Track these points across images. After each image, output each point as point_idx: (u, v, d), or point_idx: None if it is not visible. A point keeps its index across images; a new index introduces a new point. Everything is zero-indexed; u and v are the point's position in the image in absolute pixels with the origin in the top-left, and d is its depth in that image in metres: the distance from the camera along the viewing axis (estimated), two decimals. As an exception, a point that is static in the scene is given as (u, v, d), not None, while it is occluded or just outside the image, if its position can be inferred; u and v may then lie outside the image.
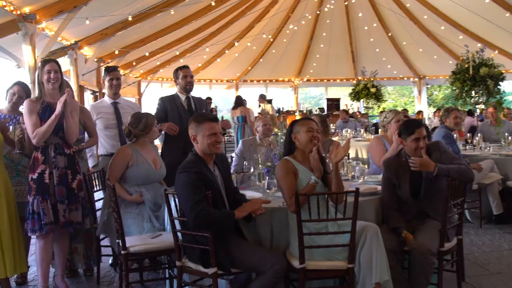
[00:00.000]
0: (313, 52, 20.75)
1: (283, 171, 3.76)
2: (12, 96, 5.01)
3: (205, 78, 21.56)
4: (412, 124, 4.16)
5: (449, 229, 3.97)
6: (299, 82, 22.44)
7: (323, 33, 19.29)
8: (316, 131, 3.87)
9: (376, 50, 19.05)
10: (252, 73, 21.82)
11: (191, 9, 13.25)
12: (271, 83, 22.73)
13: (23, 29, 7.98)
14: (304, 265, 3.48)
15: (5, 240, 4.43)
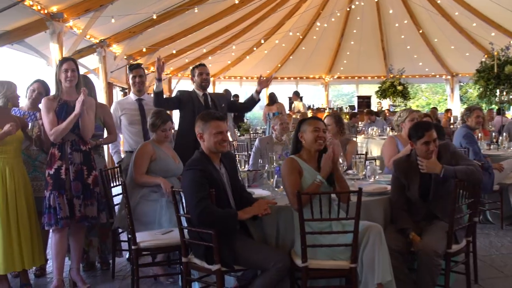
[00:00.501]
0: (344, 49, 20.61)
1: (288, 169, 3.78)
2: (32, 92, 5.16)
3: (235, 75, 21.69)
4: (421, 127, 4.07)
5: (458, 230, 3.92)
6: (329, 79, 22.33)
7: (353, 30, 19.11)
8: (323, 131, 3.86)
9: (407, 47, 18.77)
10: (282, 70, 21.79)
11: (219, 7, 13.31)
12: (301, 80, 22.67)
13: (51, 28, 8.18)
14: (307, 264, 3.50)
15: (23, 234, 4.59)
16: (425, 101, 33.90)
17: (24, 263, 4.61)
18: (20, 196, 4.60)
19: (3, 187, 4.52)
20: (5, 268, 4.53)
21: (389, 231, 3.98)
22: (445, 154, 4.07)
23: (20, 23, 8.21)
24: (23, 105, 5.20)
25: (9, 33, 8.31)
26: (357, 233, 3.45)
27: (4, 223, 4.51)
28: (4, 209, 4.52)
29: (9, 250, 4.51)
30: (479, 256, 5.29)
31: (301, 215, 3.43)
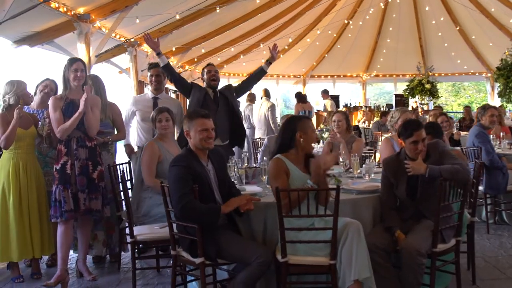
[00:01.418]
0: (381, 47, 20.39)
1: (275, 171, 3.81)
2: (45, 87, 5.40)
3: (272, 73, 21.76)
4: (411, 126, 4.05)
5: (445, 229, 3.91)
6: (367, 77, 22.14)
7: (389, 27, 18.91)
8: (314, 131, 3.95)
9: (445, 44, 18.43)
10: (318, 68, 21.76)
11: (252, 5, 13.43)
12: (338, 78, 22.56)
13: (78, 29, 8.46)
14: (286, 259, 3.57)
15: (34, 225, 4.91)
16: (468, 99, 33.17)
17: (34, 252, 4.92)
18: (32, 189, 4.91)
19: (16, 181, 4.85)
20: (19, 256, 4.87)
21: (377, 229, 4.02)
22: (434, 153, 4.06)
23: (50, 24, 8.53)
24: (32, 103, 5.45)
25: (40, 34, 8.66)
26: (335, 230, 3.49)
27: (17, 215, 4.83)
28: (18, 201, 4.85)
29: (22, 239, 4.84)
30: (485, 257, 5.31)
31: (280, 211, 3.51)
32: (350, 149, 5.77)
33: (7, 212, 4.85)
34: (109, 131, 5.47)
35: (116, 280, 5.00)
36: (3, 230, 4.84)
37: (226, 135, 5.97)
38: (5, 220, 4.85)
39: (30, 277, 5.05)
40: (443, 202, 3.79)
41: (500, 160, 6.30)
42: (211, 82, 5.99)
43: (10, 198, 4.84)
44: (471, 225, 4.66)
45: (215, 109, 5.90)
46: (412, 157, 4.05)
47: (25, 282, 4.94)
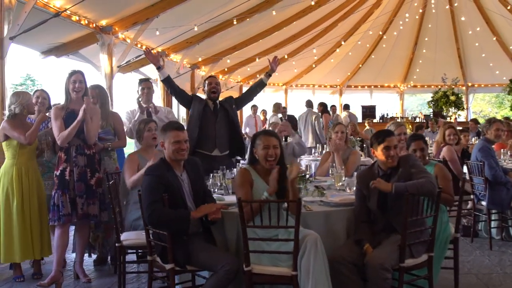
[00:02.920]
0: (418, 57, 20.22)
1: (240, 181, 4.01)
2: (37, 99, 5.69)
3: (308, 83, 21.88)
4: (383, 133, 4.15)
5: (416, 244, 3.92)
6: (404, 88, 21.93)
7: (425, 38, 18.72)
8: (274, 147, 4.00)
9: (482, 55, 18.08)
10: (355, 79, 21.73)
11: (281, 16, 13.60)
12: (376, 89, 22.46)
13: (101, 40, 8.86)
14: (250, 268, 3.68)
15: (34, 227, 5.20)
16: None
17: (35, 253, 5.21)
18: (33, 193, 5.21)
19: (19, 186, 5.16)
20: (21, 257, 5.17)
21: (348, 242, 4.06)
22: (405, 166, 4.09)
23: (75, 36, 8.97)
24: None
25: (65, 45, 9.11)
26: (297, 242, 3.58)
27: (20, 218, 5.14)
28: (20, 205, 5.15)
29: (24, 241, 5.13)
30: (478, 274, 5.27)
31: (243, 222, 3.63)
32: (347, 161, 5.84)
33: (10, 215, 5.16)
34: (110, 138, 5.70)
35: (110, 282, 5.21)
36: (6, 232, 5.15)
37: (225, 145, 6.12)
38: (8, 223, 5.15)
39: (31, 277, 5.32)
40: (410, 217, 3.81)
41: (505, 176, 6.21)
42: (211, 95, 6.15)
43: (14, 202, 5.14)
44: (455, 241, 4.64)
45: (214, 120, 6.07)
46: (384, 166, 4.11)
47: (25, 282, 5.22)
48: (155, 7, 9.07)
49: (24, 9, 6.41)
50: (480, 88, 20.41)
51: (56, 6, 7.43)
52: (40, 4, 7.03)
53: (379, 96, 22.93)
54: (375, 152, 4.17)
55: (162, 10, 9.14)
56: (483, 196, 6.28)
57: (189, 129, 6.14)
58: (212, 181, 4.96)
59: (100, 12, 8.54)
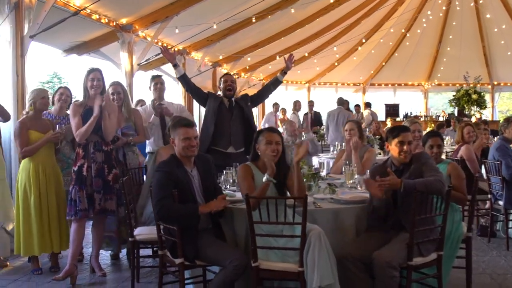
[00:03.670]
0: (443, 55, 20.00)
1: (242, 174, 4.10)
2: (61, 96, 5.83)
3: (331, 81, 21.80)
4: (398, 128, 4.18)
5: (425, 243, 3.91)
6: (428, 86, 21.71)
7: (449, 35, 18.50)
8: (276, 143, 4.07)
9: (508, 53, 17.78)
10: (378, 77, 21.59)
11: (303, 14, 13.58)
12: (399, 87, 22.27)
13: (121, 38, 8.99)
14: (257, 264, 3.72)
15: (52, 223, 5.34)
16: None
17: (53, 247, 5.35)
18: (50, 189, 5.34)
19: (36, 181, 5.30)
20: (39, 250, 5.32)
21: (357, 239, 4.07)
22: (417, 163, 4.08)
23: (96, 35, 9.11)
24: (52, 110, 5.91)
25: (86, 43, 9.26)
26: (304, 238, 3.61)
27: (37, 212, 5.28)
28: (38, 200, 5.29)
29: (42, 235, 5.28)
30: (493, 274, 5.21)
31: (250, 217, 3.67)
32: (362, 159, 5.83)
33: (29, 210, 5.29)
34: (131, 133, 5.83)
35: (124, 276, 5.31)
36: (25, 226, 5.29)
37: (240, 143, 6.17)
38: (27, 218, 5.29)
39: (48, 270, 5.45)
40: (419, 215, 3.80)
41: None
42: (227, 92, 6.21)
43: (31, 197, 5.27)
44: (468, 240, 4.60)
45: (229, 117, 6.13)
46: (397, 161, 4.11)
47: (42, 275, 5.34)
48: (174, 5, 9.16)
49: (44, 8, 6.55)
50: (507, 87, 20.06)
51: (76, 5, 7.56)
52: (60, 3, 7.16)
53: (403, 94, 22.70)
54: (389, 146, 4.18)
55: (181, 8, 9.23)
56: (500, 195, 6.20)
57: (204, 127, 6.22)
58: (224, 177, 5.01)
59: (120, 11, 8.66)
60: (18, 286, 5.07)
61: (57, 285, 5.01)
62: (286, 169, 4.14)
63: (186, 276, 4.17)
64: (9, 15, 6.17)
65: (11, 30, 6.26)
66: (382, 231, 4.08)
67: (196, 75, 12.99)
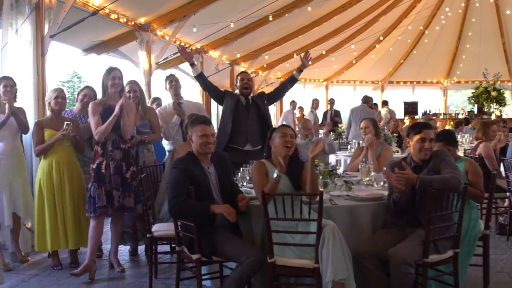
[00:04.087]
0: (462, 52, 19.82)
1: (256, 171, 4.17)
2: (83, 97, 5.93)
3: (349, 79, 21.74)
4: (421, 125, 4.20)
5: (441, 240, 3.91)
6: (448, 83, 21.53)
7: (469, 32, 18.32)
8: (290, 136, 4.13)
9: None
10: (397, 74, 21.46)
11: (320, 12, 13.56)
12: (418, 85, 22.13)
13: (139, 37, 9.08)
14: (273, 260, 3.75)
15: (67, 219, 5.41)
16: None
17: (68, 243, 5.43)
18: (64, 186, 5.42)
19: (50, 178, 5.41)
20: (51, 246, 5.40)
21: (373, 236, 4.08)
22: (436, 159, 4.07)
23: (114, 34, 9.21)
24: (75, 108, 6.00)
25: (105, 43, 9.37)
26: (319, 234, 3.64)
27: (51, 209, 5.38)
28: (51, 197, 5.40)
29: (55, 231, 5.37)
30: (510, 272, 5.18)
31: (266, 213, 3.70)
32: (379, 156, 5.83)
33: (43, 207, 5.39)
34: (147, 132, 5.90)
35: (143, 272, 5.38)
36: (39, 222, 5.40)
37: (257, 140, 6.19)
38: (41, 214, 5.39)
39: (68, 265, 5.55)
40: (435, 212, 3.80)
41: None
42: (243, 90, 6.25)
43: (45, 194, 5.39)
44: (485, 238, 4.58)
45: (246, 115, 6.17)
46: (416, 158, 4.12)
47: (62, 270, 5.44)
48: (192, 4, 9.22)
49: (63, 8, 6.64)
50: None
51: (95, 4, 7.65)
52: (79, 3, 7.26)
53: (421, 92, 22.55)
54: (409, 142, 4.18)
55: (199, 7, 9.28)
56: (519, 193, 6.16)
57: (222, 125, 6.27)
58: (241, 174, 5.05)
59: (138, 10, 8.74)
60: (38, 281, 5.17)
61: (76, 280, 5.09)
62: (300, 165, 4.17)
63: (203, 272, 4.22)
64: (30, 16, 6.26)
65: (31, 30, 6.35)
66: (398, 228, 4.09)
67: (214, 74, 13.07)
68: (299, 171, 4.18)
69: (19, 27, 6.28)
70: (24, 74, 6.34)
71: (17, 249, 5.75)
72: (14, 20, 6.25)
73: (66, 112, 5.77)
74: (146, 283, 4.87)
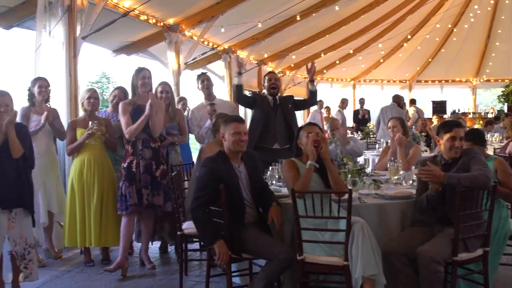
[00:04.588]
0: (491, 50, 19.55)
1: (287, 166, 4.21)
2: (114, 98, 6.06)
3: (376, 78, 21.62)
4: (451, 123, 4.18)
5: (471, 238, 3.90)
6: (477, 82, 21.25)
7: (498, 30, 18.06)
8: (317, 134, 4.16)
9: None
10: (425, 73, 21.27)
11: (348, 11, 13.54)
12: (447, 84, 21.89)
13: (168, 38, 9.20)
14: (303, 257, 3.79)
15: (92, 218, 5.50)
16: None
17: (92, 241, 5.52)
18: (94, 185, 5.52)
19: (80, 177, 5.53)
20: (80, 242, 5.55)
21: (402, 235, 4.08)
22: (465, 157, 4.06)
23: (143, 35, 9.36)
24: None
25: (135, 43, 9.53)
26: (348, 232, 3.66)
27: (81, 207, 5.51)
28: (81, 195, 5.52)
29: (83, 228, 5.50)
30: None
31: (296, 211, 3.74)
32: (407, 155, 5.81)
33: (74, 204, 5.53)
34: (176, 133, 5.99)
35: (172, 270, 5.47)
36: (71, 219, 5.53)
37: (285, 139, 6.24)
38: (73, 211, 5.53)
39: (100, 262, 5.68)
40: (464, 210, 3.79)
41: None
42: (271, 90, 6.31)
43: (76, 192, 5.52)
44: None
45: (274, 115, 6.22)
46: (447, 156, 4.11)
47: (95, 266, 5.58)
48: (220, 5, 9.31)
49: (95, 10, 6.78)
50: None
51: (125, 6, 7.79)
52: (110, 5, 7.41)
53: (450, 91, 22.30)
54: (440, 140, 4.17)
55: (227, 7, 9.38)
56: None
57: (251, 125, 6.30)
58: (270, 173, 5.09)
59: (167, 11, 8.87)
60: (71, 277, 5.30)
61: (108, 276, 5.21)
62: (330, 161, 4.20)
63: (233, 269, 4.27)
64: (62, 18, 6.42)
65: (64, 32, 6.51)
66: (427, 226, 4.08)
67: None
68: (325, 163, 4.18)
69: (52, 29, 6.45)
70: (57, 75, 6.51)
71: (50, 246, 5.90)
72: (47, 22, 6.43)
73: (100, 112, 5.90)
74: (176, 280, 4.95)
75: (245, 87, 13.98)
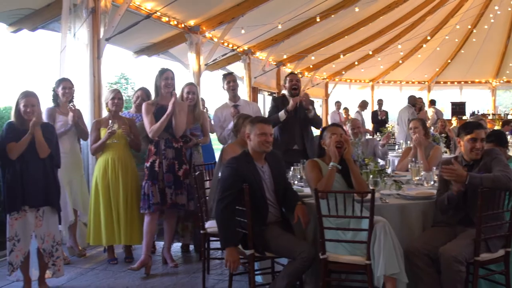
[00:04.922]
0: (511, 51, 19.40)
1: (310, 167, 4.24)
2: (136, 98, 6.16)
3: (395, 79, 21.55)
4: (472, 124, 4.19)
5: (493, 239, 3.91)
6: (497, 83, 21.08)
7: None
8: (340, 135, 4.19)
9: None
10: (444, 74, 21.15)
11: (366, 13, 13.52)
12: (466, 85, 21.74)
13: (189, 39, 9.30)
14: (325, 256, 3.84)
15: (120, 216, 5.61)
16: None
17: (121, 239, 5.64)
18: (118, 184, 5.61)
19: (105, 176, 5.62)
20: (106, 241, 5.64)
21: (424, 235, 4.10)
22: (487, 158, 4.07)
23: (164, 36, 9.46)
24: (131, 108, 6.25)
25: (156, 45, 9.62)
26: (371, 231, 3.70)
27: (106, 206, 5.61)
28: (106, 194, 5.62)
29: (108, 227, 5.59)
30: None
31: (319, 211, 3.79)
32: (428, 156, 5.84)
33: (98, 203, 5.63)
34: (199, 134, 6.07)
35: (195, 268, 5.55)
36: (95, 218, 5.63)
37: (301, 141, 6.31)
38: (97, 210, 5.63)
39: (123, 260, 5.78)
40: (486, 211, 3.80)
41: None
42: (292, 91, 6.37)
43: (100, 191, 5.61)
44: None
45: (294, 115, 6.25)
46: (468, 157, 4.12)
47: (118, 264, 5.69)
48: (240, 6, 9.37)
49: (118, 12, 6.87)
50: None
51: (148, 8, 7.89)
52: (133, 7, 7.51)
53: (469, 92, 22.16)
54: (460, 141, 4.19)
55: (247, 9, 9.42)
56: None
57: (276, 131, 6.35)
58: (292, 173, 5.14)
59: (188, 13, 8.95)
60: (95, 274, 5.40)
61: (132, 274, 5.30)
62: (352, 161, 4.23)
63: (256, 267, 4.31)
64: (87, 20, 6.53)
65: (88, 34, 6.62)
66: (449, 227, 4.10)
67: (261, 75, 13.22)
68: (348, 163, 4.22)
69: (77, 31, 6.56)
70: (81, 76, 6.62)
71: (74, 244, 6.01)
72: (72, 24, 6.54)
73: (124, 113, 6.00)
74: (199, 278, 5.01)
75: (263, 88, 14.14)
